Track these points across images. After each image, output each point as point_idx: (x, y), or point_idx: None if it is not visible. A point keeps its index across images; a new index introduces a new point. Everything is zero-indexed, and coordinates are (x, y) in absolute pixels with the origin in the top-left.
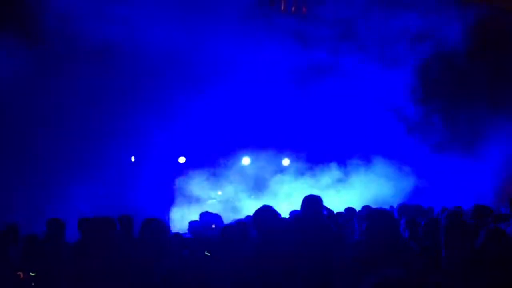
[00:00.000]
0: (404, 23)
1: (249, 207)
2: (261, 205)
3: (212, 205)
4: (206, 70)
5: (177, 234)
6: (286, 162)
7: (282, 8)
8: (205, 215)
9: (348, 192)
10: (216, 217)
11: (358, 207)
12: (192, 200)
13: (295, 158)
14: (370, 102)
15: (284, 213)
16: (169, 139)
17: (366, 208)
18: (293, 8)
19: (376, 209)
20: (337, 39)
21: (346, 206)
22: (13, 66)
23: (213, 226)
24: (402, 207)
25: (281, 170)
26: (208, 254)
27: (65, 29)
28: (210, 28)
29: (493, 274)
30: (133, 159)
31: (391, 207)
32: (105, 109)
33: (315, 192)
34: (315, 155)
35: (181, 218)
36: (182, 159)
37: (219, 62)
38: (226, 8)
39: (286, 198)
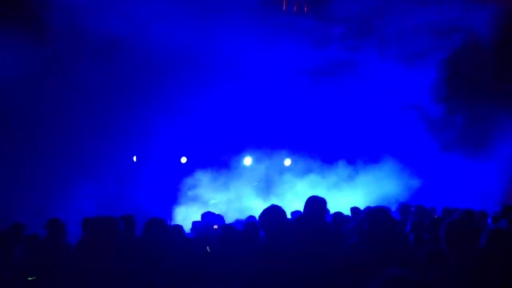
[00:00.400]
0: (415, 19)
1: (253, 207)
2: (265, 205)
3: (216, 205)
4: (211, 69)
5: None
6: (287, 162)
7: (284, 7)
8: (207, 215)
9: (356, 191)
10: (218, 217)
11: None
12: (195, 200)
13: (305, 157)
14: (380, 100)
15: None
16: (173, 139)
17: (367, 209)
18: (295, 8)
19: (374, 208)
20: (343, 35)
21: (358, 205)
22: (16, 63)
23: (215, 226)
24: (403, 207)
25: (288, 169)
26: (209, 251)
27: (70, 26)
28: (217, 26)
29: (498, 275)
30: (135, 159)
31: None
32: (108, 108)
33: (322, 191)
34: (324, 154)
35: (184, 218)
36: (183, 159)
37: (226, 61)
38: (234, 6)
39: (294, 198)
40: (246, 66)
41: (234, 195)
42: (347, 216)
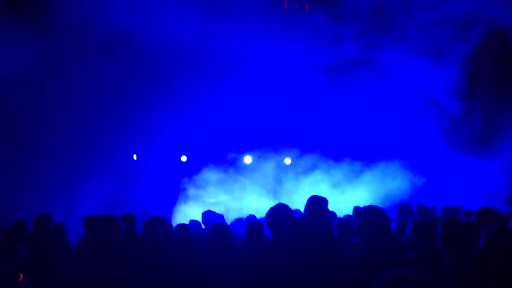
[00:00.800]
0: (429, 13)
1: (253, 206)
2: (266, 204)
3: (217, 204)
4: (217, 67)
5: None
6: (288, 161)
7: (285, 6)
8: (207, 214)
9: (361, 189)
10: (218, 217)
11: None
12: (197, 199)
13: (312, 155)
14: (389, 98)
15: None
16: (177, 138)
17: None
18: (295, 6)
19: (366, 208)
20: (353, 32)
21: (363, 203)
22: (16, 62)
23: None
24: (402, 206)
25: (292, 168)
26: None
27: (72, 24)
28: (224, 24)
29: (497, 275)
30: (135, 157)
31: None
32: (110, 107)
33: (329, 189)
34: (331, 152)
35: (186, 217)
36: (184, 158)
37: (232, 59)
38: (241, 4)
39: (299, 196)
40: (255, 63)
41: (236, 194)
42: (347, 215)
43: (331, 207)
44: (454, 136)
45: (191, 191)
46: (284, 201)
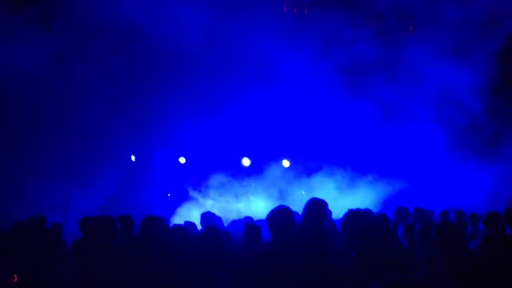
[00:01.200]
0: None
1: (254, 208)
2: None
3: (218, 207)
4: (223, 70)
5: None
6: (286, 163)
7: (284, 9)
8: (205, 216)
9: (363, 192)
10: (216, 219)
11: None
12: (197, 201)
13: (318, 159)
14: (394, 101)
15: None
16: (178, 140)
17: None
18: (295, 10)
19: (354, 211)
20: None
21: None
22: (17, 61)
23: None
24: (399, 209)
25: (290, 171)
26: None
27: (76, 18)
28: (237, 26)
29: (491, 279)
30: (133, 158)
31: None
32: (112, 108)
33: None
34: (334, 154)
35: (186, 219)
36: (182, 160)
37: (239, 63)
38: (248, 4)
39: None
40: (271, 67)
41: (237, 197)
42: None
43: (334, 209)
44: (463, 138)
45: (193, 193)
46: (286, 203)
